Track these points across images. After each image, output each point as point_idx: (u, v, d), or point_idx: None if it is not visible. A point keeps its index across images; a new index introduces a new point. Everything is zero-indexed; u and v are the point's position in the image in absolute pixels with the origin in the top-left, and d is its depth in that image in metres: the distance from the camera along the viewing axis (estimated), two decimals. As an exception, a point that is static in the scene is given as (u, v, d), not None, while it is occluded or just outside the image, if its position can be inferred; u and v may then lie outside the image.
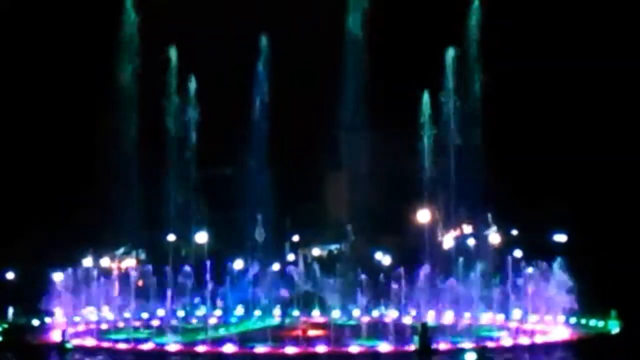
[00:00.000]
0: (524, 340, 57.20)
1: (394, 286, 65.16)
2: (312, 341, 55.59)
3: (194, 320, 68.01)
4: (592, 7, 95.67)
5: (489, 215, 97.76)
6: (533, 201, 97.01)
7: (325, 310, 66.93)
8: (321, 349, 53.86)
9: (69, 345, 56.49)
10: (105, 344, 57.33)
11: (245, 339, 55.95)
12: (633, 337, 57.11)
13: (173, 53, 79.46)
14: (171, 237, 78.41)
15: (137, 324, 64.40)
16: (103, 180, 76.01)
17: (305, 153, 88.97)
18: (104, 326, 63.83)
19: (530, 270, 64.80)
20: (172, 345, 55.35)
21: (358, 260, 75.82)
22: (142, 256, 74.89)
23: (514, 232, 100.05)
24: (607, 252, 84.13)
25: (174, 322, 63.39)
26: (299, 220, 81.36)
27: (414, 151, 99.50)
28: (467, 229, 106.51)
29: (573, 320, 63.48)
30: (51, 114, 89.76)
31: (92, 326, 62.71)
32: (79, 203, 75.91)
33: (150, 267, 68.84)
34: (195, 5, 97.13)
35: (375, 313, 67.09)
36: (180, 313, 67.77)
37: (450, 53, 79.81)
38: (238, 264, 73.36)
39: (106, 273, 67.99)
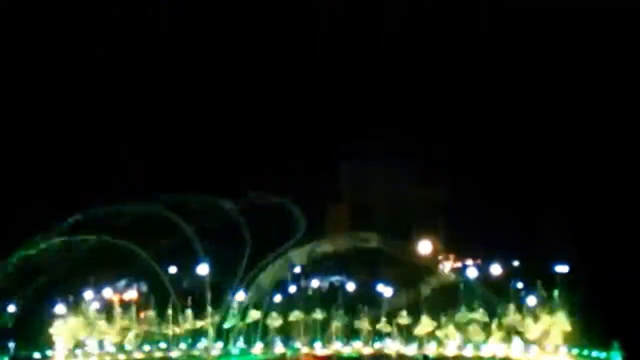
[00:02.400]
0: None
1: (396, 317, 65.10)
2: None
3: (196, 352, 67.73)
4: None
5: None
6: (534, 232, 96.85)
7: (327, 342, 66.74)
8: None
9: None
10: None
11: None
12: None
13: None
14: (172, 269, 78.15)
15: (140, 356, 64.12)
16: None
17: (307, 183, 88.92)
18: (106, 358, 63.49)
19: (531, 300, 64.73)
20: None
21: (360, 293, 75.68)
22: (144, 288, 74.63)
23: (515, 263, 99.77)
24: (610, 282, 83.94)
25: (176, 353, 63.10)
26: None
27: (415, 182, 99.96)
28: (468, 260, 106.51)
29: (575, 351, 63.24)
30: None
31: (94, 359, 62.39)
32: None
33: (151, 299, 68.83)
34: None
35: (378, 345, 66.86)
36: (182, 345, 67.50)
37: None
38: (240, 296, 73.16)
39: (108, 305, 67.75)
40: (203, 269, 76.38)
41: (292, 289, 78.14)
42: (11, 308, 72.76)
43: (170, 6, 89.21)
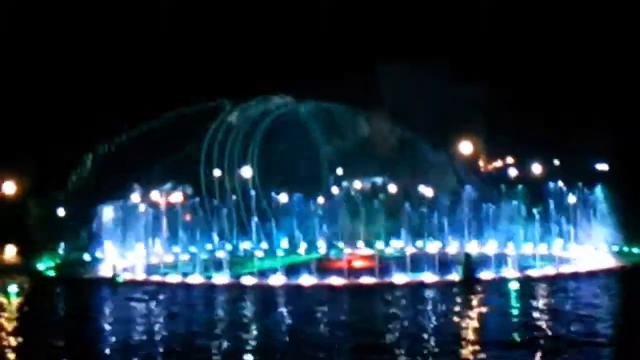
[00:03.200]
0: (566, 269, 57.73)
1: (438, 216, 65.82)
2: (357, 273, 56.41)
3: (241, 253, 68.94)
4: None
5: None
6: (574, 130, 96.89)
7: (370, 242, 67.65)
8: (367, 280, 54.75)
9: (119, 279, 57.79)
10: (155, 278, 58.54)
11: (291, 271, 56.79)
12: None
13: None
14: (217, 172, 79.28)
15: (186, 257, 65.42)
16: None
17: (347, 87, 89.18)
18: (153, 260, 64.94)
19: (571, 199, 65.21)
20: (220, 278, 56.42)
21: (402, 193, 76.44)
22: (189, 191, 75.75)
23: (556, 162, 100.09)
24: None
25: (220, 255, 64.48)
26: (343, 153, 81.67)
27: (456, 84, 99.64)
28: (509, 160, 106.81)
29: (615, 248, 63.84)
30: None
31: (142, 260, 63.87)
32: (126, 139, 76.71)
33: (197, 200, 69.89)
34: None
35: (420, 244, 67.72)
36: (227, 246, 68.70)
37: None
38: (283, 197, 74.18)
39: (154, 207, 68.94)
40: (247, 172, 77.46)
41: (335, 190, 79.09)
42: (60, 211, 74.44)
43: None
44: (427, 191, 77.02)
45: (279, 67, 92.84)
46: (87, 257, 66.98)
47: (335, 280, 54.60)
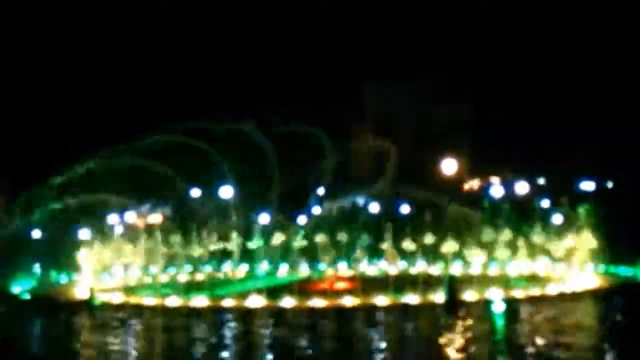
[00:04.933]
0: (552, 290, 56.89)
1: (420, 236, 64.98)
2: (339, 294, 55.52)
3: (221, 275, 68.12)
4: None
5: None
6: (559, 149, 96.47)
7: (352, 263, 66.81)
8: (349, 301, 53.82)
9: (96, 302, 56.76)
10: (133, 300, 57.56)
11: (272, 292, 55.89)
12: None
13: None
14: (195, 193, 78.32)
15: (164, 279, 64.46)
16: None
17: (330, 107, 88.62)
18: (131, 282, 63.96)
19: (557, 218, 64.45)
20: (199, 300, 55.45)
21: (384, 212, 75.61)
22: (168, 212, 74.92)
23: (541, 181, 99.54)
24: (636, 198, 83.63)
25: (200, 277, 63.43)
26: (324, 173, 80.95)
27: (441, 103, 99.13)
28: (494, 178, 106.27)
29: (601, 268, 63.08)
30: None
31: (120, 282, 62.83)
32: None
33: (176, 222, 68.99)
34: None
35: (403, 264, 66.93)
36: (207, 268, 67.89)
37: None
38: (264, 218, 73.25)
39: (132, 229, 68.04)
40: (227, 192, 76.54)
41: (316, 210, 78.22)
42: (36, 233, 73.43)
43: None
44: (410, 210, 76.33)
45: (259, 84, 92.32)
46: (63, 279, 65.94)
47: (317, 302, 53.62)
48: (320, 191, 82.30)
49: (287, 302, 53.94)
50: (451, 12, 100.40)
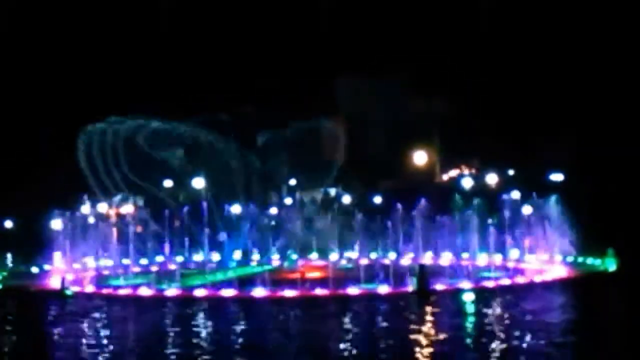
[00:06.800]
0: (522, 280, 57.40)
1: (392, 227, 65.45)
2: (311, 284, 55.74)
3: (192, 265, 68.19)
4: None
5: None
6: (529, 141, 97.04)
7: (323, 253, 67.09)
8: (320, 291, 54.06)
9: (68, 292, 56.68)
10: (105, 291, 57.55)
11: (243, 282, 56.06)
12: (629, 275, 57.36)
13: None
14: (168, 183, 78.42)
15: (136, 270, 64.47)
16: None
17: (303, 97, 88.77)
18: (103, 272, 63.99)
19: (527, 209, 64.94)
20: (171, 291, 55.55)
21: (356, 203, 75.96)
22: (140, 202, 74.90)
23: (511, 173, 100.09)
24: (604, 190, 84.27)
25: (172, 267, 63.62)
26: (296, 164, 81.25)
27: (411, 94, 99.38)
28: (465, 169, 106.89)
29: (570, 259, 63.67)
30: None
31: (91, 273, 62.88)
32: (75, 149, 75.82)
33: (147, 212, 69.05)
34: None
35: (373, 255, 67.29)
36: (179, 258, 68.00)
37: None
38: (235, 209, 73.46)
39: (104, 219, 68.02)
40: (199, 183, 76.65)
41: (288, 200, 78.49)
42: (8, 223, 73.30)
43: None
44: (381, 201, 76.69)
45: (234, 80, 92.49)
46: (35, 269, 65.83)
47: (288, 292, 53.84)
48: (292, 182, 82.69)
49: (258, 292, 54.13)
50: (424, 7, 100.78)
